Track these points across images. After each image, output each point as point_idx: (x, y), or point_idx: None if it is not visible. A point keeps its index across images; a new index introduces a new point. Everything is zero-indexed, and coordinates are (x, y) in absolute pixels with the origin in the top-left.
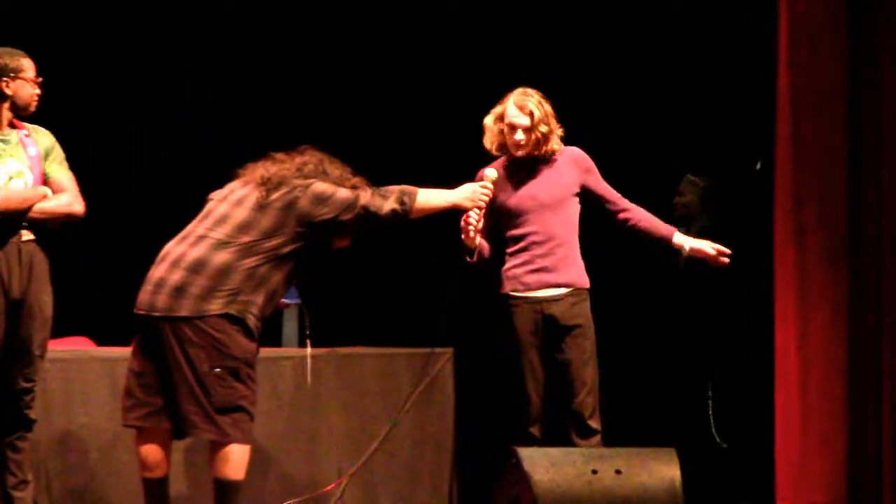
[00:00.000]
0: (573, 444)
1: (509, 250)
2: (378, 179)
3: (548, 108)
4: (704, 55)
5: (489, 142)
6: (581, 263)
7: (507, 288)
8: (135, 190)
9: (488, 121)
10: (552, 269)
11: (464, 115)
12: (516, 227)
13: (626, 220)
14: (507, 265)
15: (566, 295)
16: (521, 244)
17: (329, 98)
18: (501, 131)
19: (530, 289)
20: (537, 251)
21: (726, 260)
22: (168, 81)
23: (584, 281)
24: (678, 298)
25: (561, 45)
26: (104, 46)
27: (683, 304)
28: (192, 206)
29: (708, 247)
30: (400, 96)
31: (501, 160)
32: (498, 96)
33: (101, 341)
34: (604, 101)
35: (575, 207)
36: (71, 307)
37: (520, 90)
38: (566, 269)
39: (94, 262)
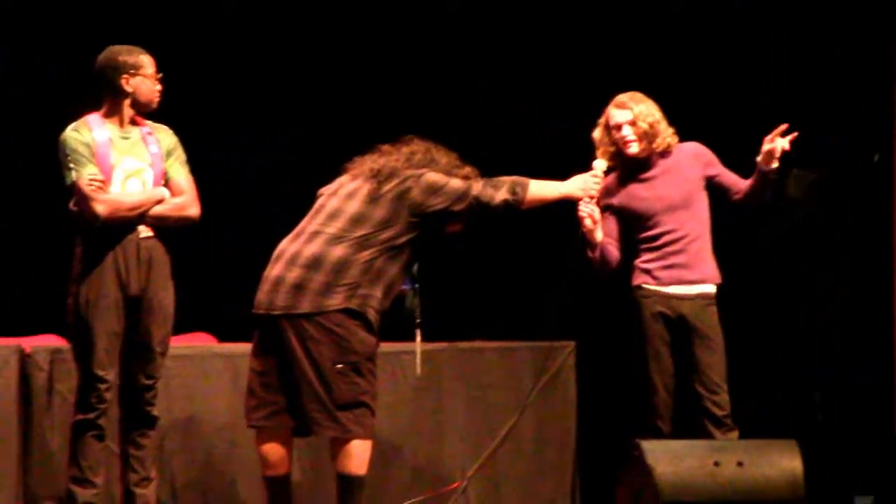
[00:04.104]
0: (710, 437)
1: (643, 246)
2: None
3: (650, 102)
4: (817, 47)
5: (601, 154)
6: (713, 259)
7: (639, 280)
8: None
9: (596, 134)
10: (686, 266)
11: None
12: (648, 229)
13: (739, 200)
14: (640, 258)
15: (697, 296)
16: (656, 243)
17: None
18: (611, 139)
19: (662, 283)
20: (671, 248)
21: (788, 143)
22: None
23: (716, 277)
24: (797, 294)
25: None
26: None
27: (802, 299)
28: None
29: (777, 144)
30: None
31: (617, 172)
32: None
33: (223, 337)
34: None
35: (704, 202)
36: (193, 303)
37: (617, 95)
38: (700, 265)
39: (216, 257)
